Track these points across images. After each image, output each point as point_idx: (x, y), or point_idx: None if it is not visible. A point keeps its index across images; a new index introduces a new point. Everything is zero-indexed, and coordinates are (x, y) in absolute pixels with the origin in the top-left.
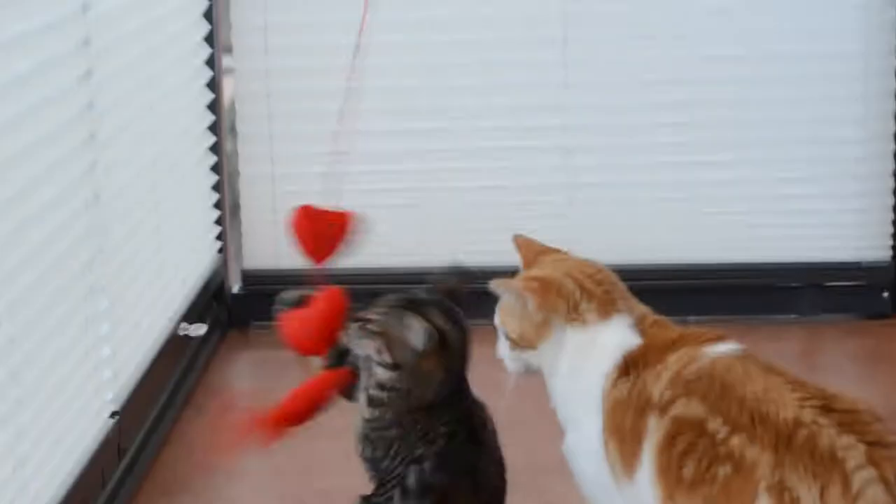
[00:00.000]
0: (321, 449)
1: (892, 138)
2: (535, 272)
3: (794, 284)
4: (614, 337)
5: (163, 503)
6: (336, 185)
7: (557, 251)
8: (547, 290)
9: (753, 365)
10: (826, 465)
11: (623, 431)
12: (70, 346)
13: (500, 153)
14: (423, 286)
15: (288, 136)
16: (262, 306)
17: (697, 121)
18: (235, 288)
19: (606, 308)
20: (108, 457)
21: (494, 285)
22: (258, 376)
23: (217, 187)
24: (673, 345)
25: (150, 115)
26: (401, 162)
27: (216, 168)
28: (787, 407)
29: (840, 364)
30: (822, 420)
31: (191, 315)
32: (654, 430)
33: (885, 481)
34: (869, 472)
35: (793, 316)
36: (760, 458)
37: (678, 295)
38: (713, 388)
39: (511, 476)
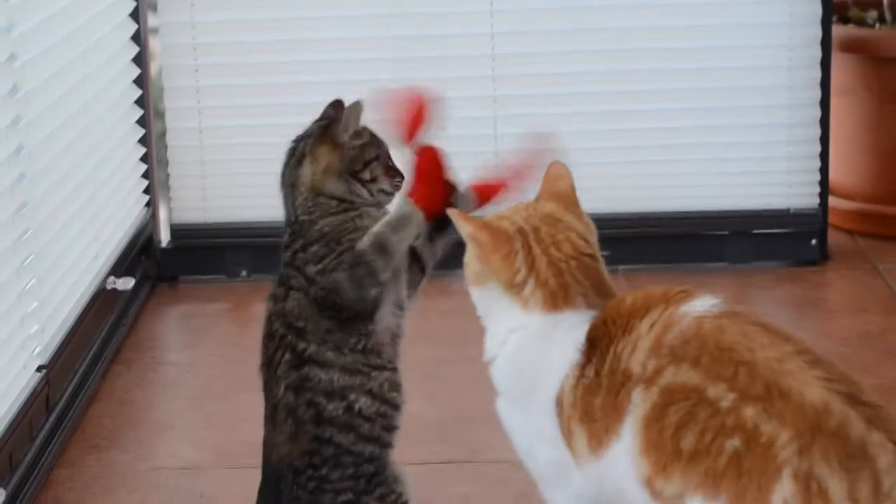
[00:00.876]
0: (250, 401)
1: (818, 86)
2: (502, 218)
3: (722, 232)
4: (564, 334)
5: (92, 457)
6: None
7: (570, 204)
8: (494, 245)
9: (749, 325)
10: (857, 461)
11: (593, 412)
12: None
13: None
14: None
15: (215, 91)
16: (191, 260)
17: (624, 70)
18: (164, 242)
19: (555, 300)
20: (37, 411)
21: (453, 216)
22: (187, 330)
23: (144, 141)
24: (637, 310)
25: (75, 68)
26: None
27: (143, 122)
28: (810, 386)
29: (769, 311)
30: (851, 411)
31: (119, 269)
32: (640, 404)
33: None
34: None
35: (722, 263)
36: (780, 436)
37: (607, 244)
38: (706, 351)
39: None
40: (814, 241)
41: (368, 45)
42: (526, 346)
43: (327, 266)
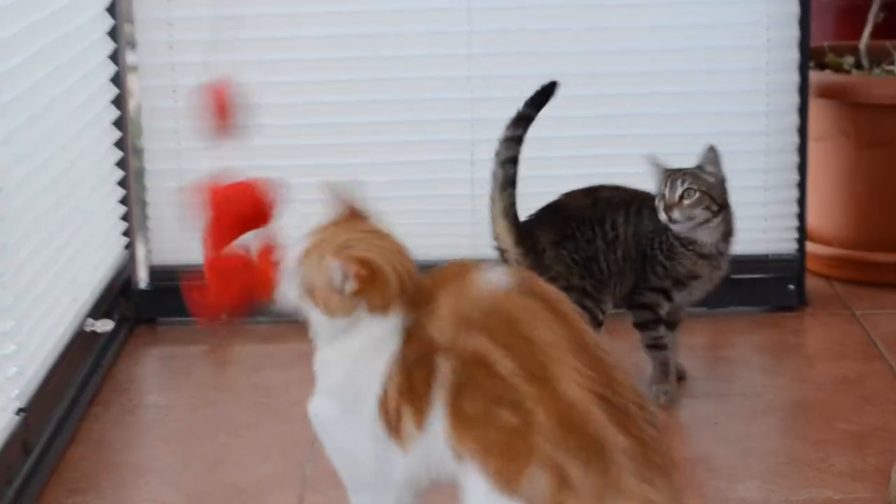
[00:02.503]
0: (230, 443)
1: (796, 132)
2: (363, 252)
3: None
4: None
5: (70, 501)
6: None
7: (362, 221)
8: (373, 281)
9: (537, 301)
10: (594, 454)
11: (414, 387)
12: None
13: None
14: None
15: (194, 132)
16: (170, 302)
17: (596, 115)
18: (142, 283)
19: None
20: (14, 454)
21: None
22: (165, 372)
23: (123, 183)
24: (437, 284)
25: (54, 110)
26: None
27: (122, 164)
28: (569, 381)
29: (746, 356)
30: (596, 410)
31: (97, 311)
32: (442, 369)
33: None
34: (629, 464)
35: (700, 308)
36: (537, 417)
37: None
38: (496, 320)
39: None
40: (791, 287)
41: (343, 90)
42: (374, 340)
43: None
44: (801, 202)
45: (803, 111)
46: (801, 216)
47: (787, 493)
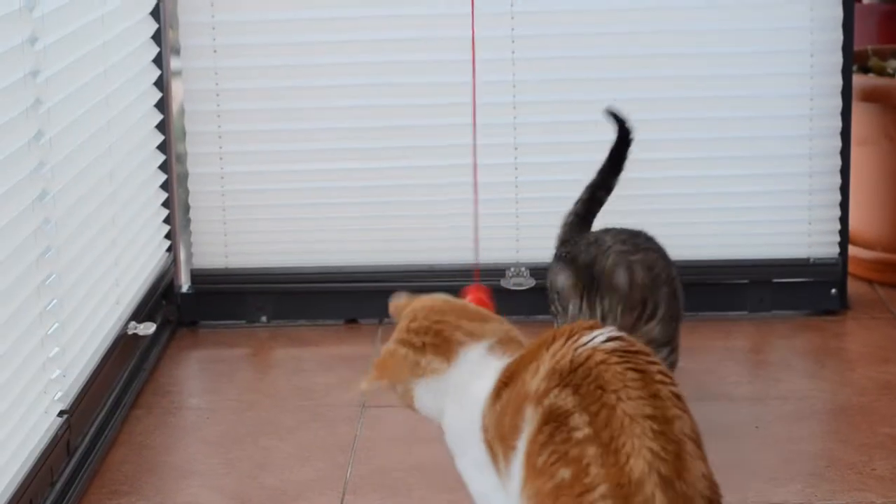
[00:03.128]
0: (271, 447)
1: (839, 136)
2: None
3: (742, 281)
4: (472, 371)
5: (112, 503)
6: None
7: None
8: (381, 368)
9: (632, 370)
10: None
11: (504, 430)
12: (18, 345)
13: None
14: None
15: (237, 136)
16: (212, 305)
17: (643, 119)
18: (185, 287)
19: (445, 350)
20: (57, 456)
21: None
22: (207, 375)
23: (166, 186)
24: (545, 340)
25: (98, 114)
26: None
27: (165, 167)
28: (638, 457)
29: (788, 360)
30: (659, 494)
31: (140, 314)
32: (530, 420)
33: None
34: None
35: (742, 312)
36: (600, 487)
37: None
38: (586, 382)
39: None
40: (833, 291)
41: (385, 93)
42: (451, 398)
43: None
44: (844, 206)
45: (846, 115)
46: (844, 220)
47: (828, 496)
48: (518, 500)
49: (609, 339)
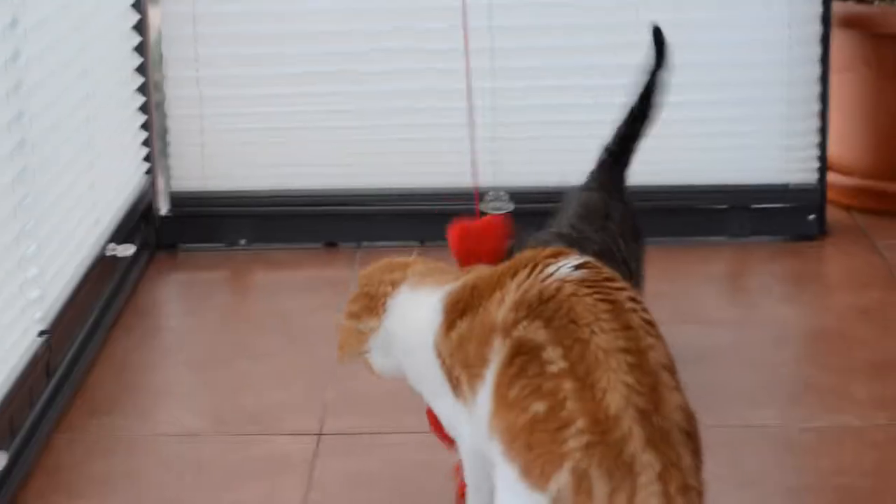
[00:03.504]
0: (249, 369)
1: (818, 62)
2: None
3: (721, 206)
4: (403, 314)
5: (92, 422)
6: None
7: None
8: (339, 347)
9: (602, 301)
10: (623, 472)
11: (469, 358)
12: None
13: (430, 76)
14: None
15: (214, 59)
16: (190, 228)
17: (622, 42)
18: (164, 209)
19: (374, 307)
20: (37, 376)
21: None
22: (186, 298)
23: (144, 109)
24: (509, 269)
25: (75, 35)
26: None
27: (143, 90)
28: (614, 391)
29: (767, 285)
30: (636, 428)
31: (119, 236)
32: (498, 351)
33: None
34: (655, 487)
35: (721, 237)
36: (577, 421)
37: None
38: (559, 314)
39: None
40: (812, 217)
41: (366, 18)
42: (402, 333)
43: None
44: (823, 132)
45: (826, 41)
46: (823, 146)
47: (806, 419)
48: (486, 429)
49: (576, 268)
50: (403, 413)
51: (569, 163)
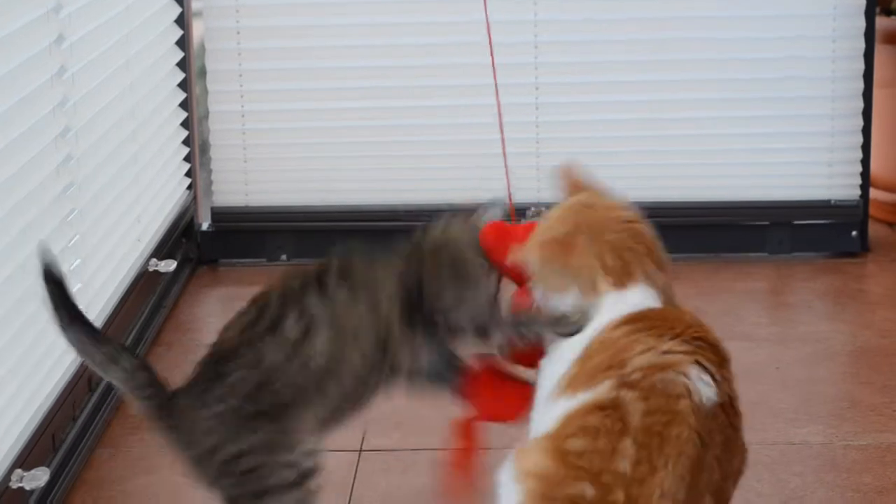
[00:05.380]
0: None
1: (861, 78)
2: (554, 231)
3: (763, 222)
4: (634, 300)
5: (134, 437)
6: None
7: (589, 189)
8: (568, 252)
9: (697, 438)
10: None
11: (591, 355)
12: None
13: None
14: None
15: (258, 75)
16: (232, 243)
17: (667, 60)
18: (205, 225)
19: (622, 279)
20: (79, 391)
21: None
22: (227, 313)
23: (186, 124)
24: (675, 326)
25: (121, 51)
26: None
27: (185, 105)
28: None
29: (809, 302)
30: None
31: (160, 251)
32: (599, 390)
33: None
34: None
35: (762, 254)
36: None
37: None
38: (657, 422)
39: None
40: (854, 233)
41: (412, 32)
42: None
43: None
44: (866, 148)
45: (869, 57)
46: (866, 162)
47: (849, 436)
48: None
49: (707, 395)
50: (444, 431)
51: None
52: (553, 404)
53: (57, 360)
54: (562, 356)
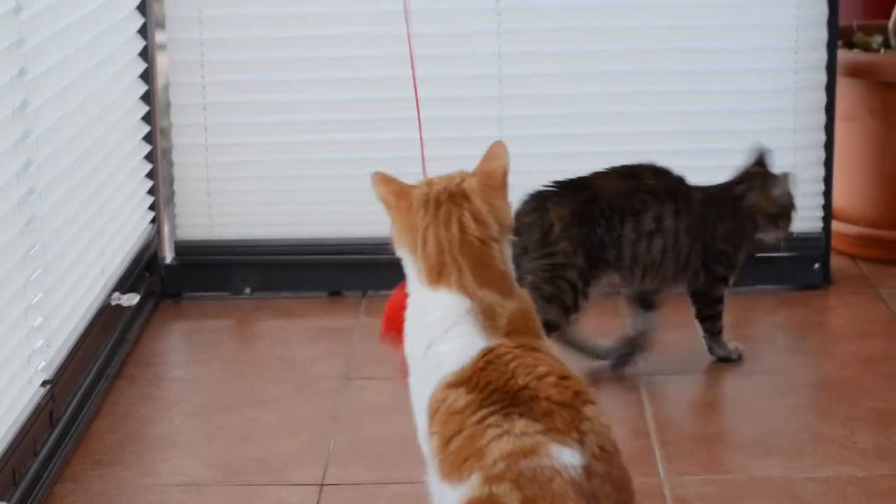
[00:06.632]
0: (254, 418)
1: (823, 110)
2: (422, 185)
3: None
4: (442, 314)
5: (95, 472)
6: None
7: (491, 181)
8: (393, 190)
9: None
10: None
11: (448, 438)
12: (2, 314)
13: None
14: None
15: (221, 107)
16: (195, 277)
17: (624, 92)
18: (168, 258)
19: (431, 275)
20: (40, 425)
21: (373, 178)
22: (190, 347)
23: (150, 158)
24: (524, 396)
25: (83, 84)
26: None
27: (149, 138)
28: None
29: (771, 334)
30: None
31: (123, 285)
32: (471, 485)
33: None
34: None
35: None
36: None
37: None
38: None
39: None
40: (817, 265)
41: (373, 66)
42: (414, 315)
43: None
44: (828, 181)
45: (831, 90)
46: (828, 194)
47: (810, 469)
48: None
49: (576, 467)
50: (410, 463)
51: None
52: (440, 484)
53: (17, 396)
54: (418, 399)
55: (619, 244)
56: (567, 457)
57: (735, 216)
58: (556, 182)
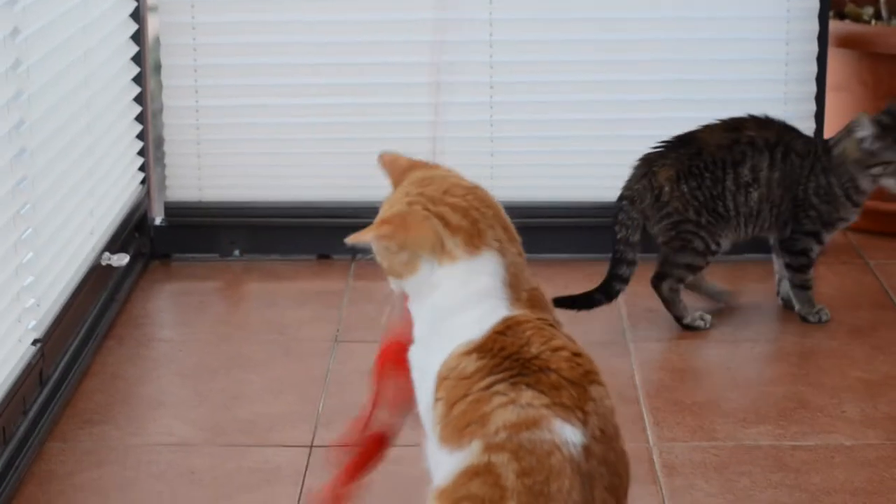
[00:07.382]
0: (243, 380)
1: (814, 81)
2: (389, 211)
3: None
4: (483, 283)
5: (84, 432)
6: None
7: (425, 166)
8: (402, 228)
9: (594, 487)
10: None
11: (453, 403)
12: None
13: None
14: None
15: (212, 70)
16: (185, 238)
17: (615, 60)
18: (158, 219)
19: (474, 240)
20: (30, 385)
21: (350, 242)
22: (179, 308)
23: (141, 119)
24: (534, 366)
25: (75, 44)
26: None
27: (140, 100)
28: None
29: (760, 303)
30: None
31: (113, 245)
32: (470, 452)
33: None
34: None
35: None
36: None
37: (603, 233)
38: (535, 482)
39: None
40: None
41: (363, 28)
42: (452, 291)
43: None
44: None
45: (822, 60)
46: None
47: (798, 437)
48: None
49: (576, 431)
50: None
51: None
52: (439, 451)
53: (7, 355)
54: (424, 371)
55: (724, 196)
56: (569, 434)
57: (827, 171)
58: (662, 142)
